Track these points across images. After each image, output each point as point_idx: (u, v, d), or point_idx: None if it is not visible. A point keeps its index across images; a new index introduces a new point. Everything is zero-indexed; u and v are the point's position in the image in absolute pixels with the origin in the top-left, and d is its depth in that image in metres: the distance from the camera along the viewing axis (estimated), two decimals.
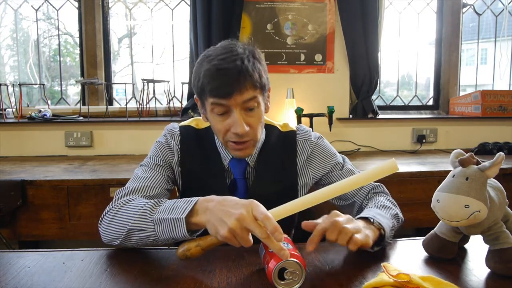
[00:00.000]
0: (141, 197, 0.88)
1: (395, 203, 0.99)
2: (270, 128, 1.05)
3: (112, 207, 0.84)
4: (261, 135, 1.01)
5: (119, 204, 0.84)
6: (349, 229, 0.72)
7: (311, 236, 0.73)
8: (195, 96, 0.95)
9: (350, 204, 1.04)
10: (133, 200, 0.85)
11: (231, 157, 0.98)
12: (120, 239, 0.80)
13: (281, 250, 0.65)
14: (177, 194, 1.07)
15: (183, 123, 1.06)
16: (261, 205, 0.69)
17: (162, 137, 1.04)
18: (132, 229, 0.78)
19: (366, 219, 0.82)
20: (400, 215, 0.95)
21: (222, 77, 0.83)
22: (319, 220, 0.76)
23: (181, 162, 1.00)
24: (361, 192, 1.02)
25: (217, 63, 0.84)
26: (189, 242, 0.75)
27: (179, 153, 1.00)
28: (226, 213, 0.69)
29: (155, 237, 0.77)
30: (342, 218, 0.76)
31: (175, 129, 1.03)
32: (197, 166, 1.00)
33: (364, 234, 0.75)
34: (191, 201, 0.75)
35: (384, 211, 0.90)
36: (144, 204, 0.80)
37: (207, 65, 0.86)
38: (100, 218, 0.86)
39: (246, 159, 0.98)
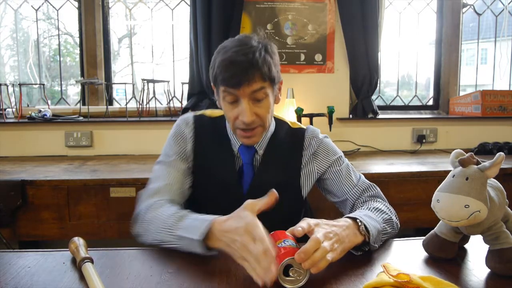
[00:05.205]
0: (164, 198, 0.93)
1: (392, 210, 0.98)
2: (281, 123, 1.11)
3: (140, 212, 0.91)
4: (271, 125, 1.06)
5: (145, 209, 0.90)
6: (318, 255, 0.68)
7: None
8: (212, 83, 1.02)
9: (343, 201, 1.06)
10: (159, 207, 0.89)
11: (240, 143, 1.03)
12: (150, 243, 0.86)
13: (267, 270, 0.64)
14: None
15: (196, 112, 1.11)
16: (259, 225, 0.69)
17: (174, 127, 1.08)
18: (159, 239, 0.83)
19: (353, 220, 0.82)
20: (396, 221, 0.94)
21: (233, 69, 0.89)
22: (303, 226, 0.75)
23: (194, 148, 1.05)
24: (354, 190, 1.04)
25: (231, 55, 0.90)
26: None
27: (193, 140, 1.05)
28: (239, 246, 0.69)
29: (181, 248, 0.80)
30: (321, 233, 0.72)
31: (189, 117, 1.09)
32: (209, 153, 1.04)
33: (337, 251, 0.72)
34: (206, 221, 0.77)
35: (376, 214, 0.90)
36: (169, 217, 0.84)
37: (222, 56, 0.92)
38: (132, 221, 0.91)
39: (255, 146, 1.03)
